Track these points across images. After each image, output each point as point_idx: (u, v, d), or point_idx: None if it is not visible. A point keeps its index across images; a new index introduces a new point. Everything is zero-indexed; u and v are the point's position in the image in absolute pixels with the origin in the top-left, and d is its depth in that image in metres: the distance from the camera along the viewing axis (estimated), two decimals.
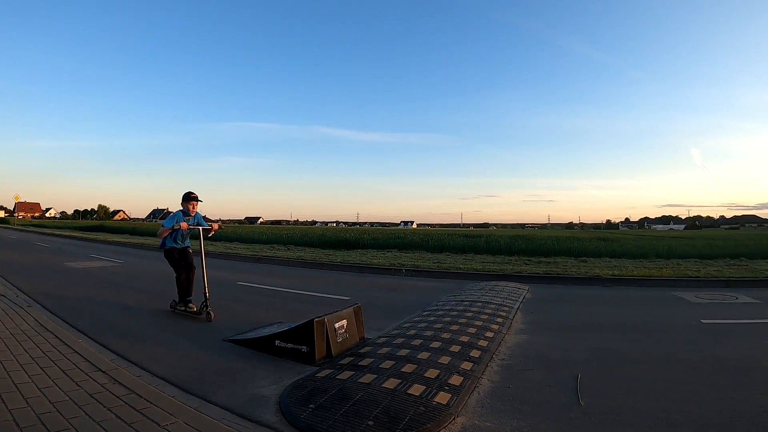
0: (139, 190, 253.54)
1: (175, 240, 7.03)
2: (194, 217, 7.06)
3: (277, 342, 4.73)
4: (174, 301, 7.02)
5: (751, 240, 24.39)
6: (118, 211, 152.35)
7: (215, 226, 7.34)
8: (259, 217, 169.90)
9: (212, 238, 27.24)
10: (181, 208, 6.97)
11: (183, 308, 6.84)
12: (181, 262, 7.01)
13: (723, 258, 16.77)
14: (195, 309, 6.75)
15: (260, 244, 23.51)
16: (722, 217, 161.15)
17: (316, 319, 4.52)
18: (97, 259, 15.26)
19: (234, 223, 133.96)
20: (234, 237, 26.77)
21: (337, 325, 4.76)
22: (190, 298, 6.93)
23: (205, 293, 6.52)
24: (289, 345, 4.63)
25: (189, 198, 6.94)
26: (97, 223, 60.05)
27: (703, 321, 6.77)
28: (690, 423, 3.32)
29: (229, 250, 18.31)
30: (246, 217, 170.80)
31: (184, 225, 6.73)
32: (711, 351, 5.21)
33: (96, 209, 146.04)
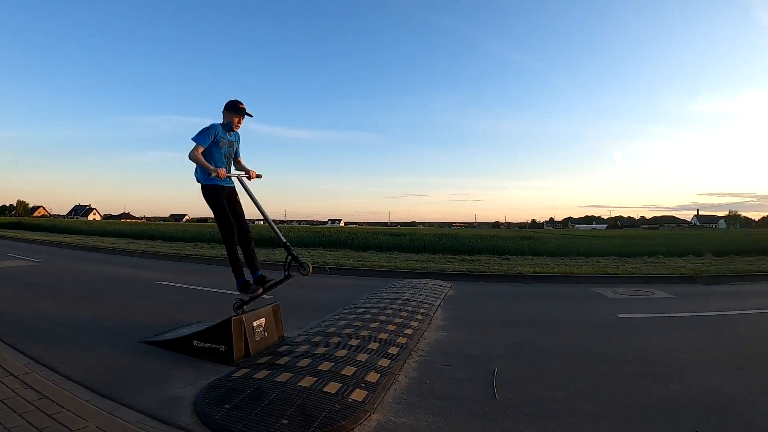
0: (60, 185, 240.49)
1: (218, 166, 4.81)
2: (235, 134, 5.12)
3: (195, 342, 4.68)
4: (245, 281, 5.05)
5: (668, 239, 25.92)
6: (38, 207, 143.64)
7: (253, 173, 5.29)
8: (185, 215, 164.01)
9: (134, 236, 26.45)
10: (223, 121, 5.00)
11: (256, 290, 4.99)
12: (233, 216, 5.04)
13: (641, 256, 17.78)
14: (270, 280, 5.18)
15: (184, 242, 22.91)
16: (642, 217, 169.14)
17: (233, 318, 4.51)
18: (14, 258, 14.49)
19: (159, 220, 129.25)
20: (157, 235, 26.02)
21: (255, 324, 4.76)
22: (259, 272, 5.23)
23: (285, 243, 5.23)
24: (207, 345, 4.59)
25: (238, 108, 4.94)
26: (15, 219, 56.45)
27: (619, 315, 7.17)
28: (605, 414, 3.52)
29: (151, 249, 17.74)
30: (171, 215, 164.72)
31: (222, 171, 4.70)
32: (627, 344, 5.52)
33: (15, 205, 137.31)
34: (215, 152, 4.88)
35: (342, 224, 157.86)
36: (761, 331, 6.29)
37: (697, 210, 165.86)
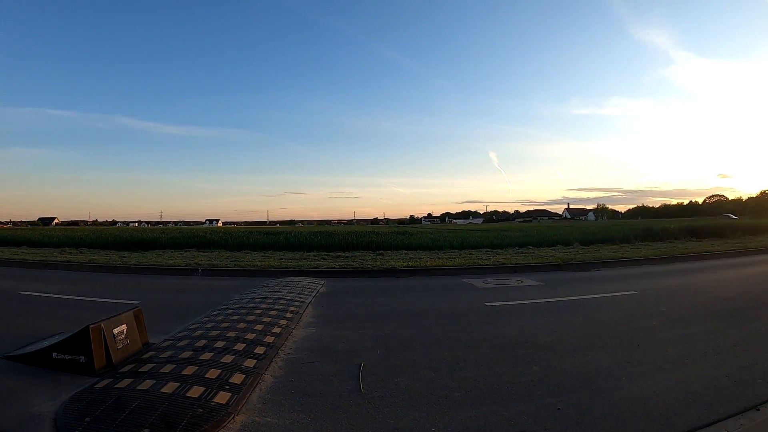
0: None
1: None
2: None
3: (54, 354, 4.41)
4: None
5: (539, 231, 27.57)
6: None
7: None
8: (54, 218, 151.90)
9: None
10: None
11: None
12: None
13: (512, 247, 18.82)
14: None
15: (51, 247, 21.17)
16: (517, 212, 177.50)
17: (91, 326, 4.29)
18: None
19: (26, 224, 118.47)
20: (22, 241, 23.81)
21: (116, 331, 4.56)
22: None
23: None
24: (67, 356, 4.35)
25: None
26: None
27: (487, 304, 7.57)
28: (468, 398, 3.72)
29: (15, 256, 16.25)
30: (39, 218, 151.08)
31: None
32: (492, 330, 5.83)
33: None
34: None
35: (220, 224, 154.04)
36: (619, 312, 6.93)
37: (568, 204, 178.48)
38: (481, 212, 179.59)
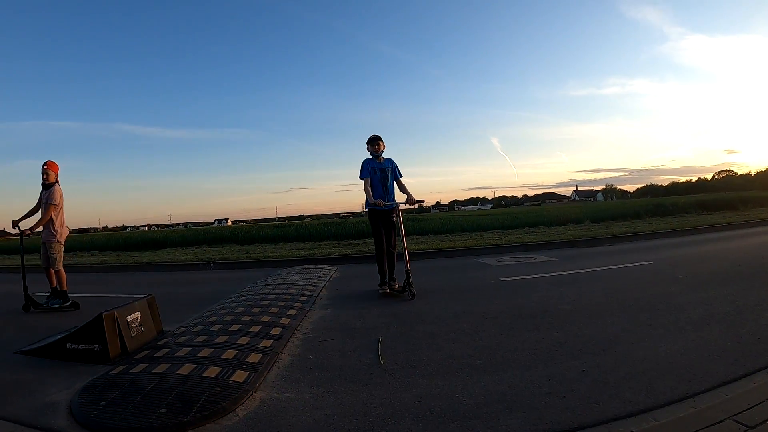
0: None
1: (374, 189, 6.64)
2: (386, 162, 6.75)
3: (68, 345, 4.37)
4: (382, 281, 6.79)
5: (548, 212, 27.49)
6: None
7: (413, 198, 6.91)
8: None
9: (10, 251, 24.28)
10: (369, 155, 6.73)
11: (384, 289, 6.65)
12: (383, 232, 6.71)
13: (523, 227, 18.75)
14: (398, 286, 6.66)
15: (65, 251, 21.29)
16: (525, 196, 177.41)
17: (105, 314, 4.26)
18: None
19: (35, 234, 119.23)
20: (33, 248, 23.98)
21: (129, 318, 4.53)
22: (394, 276, 6.80)
23: (407, 269, 6.46)
24: (81, 346, 4.31)
25: (372, 139, 6.64)
26: None
27: (502, 279, 7.55)
28: (490, 365, 3.66)
29: (27, 263, 16.30)
30: None
31: (379, 202, 6.45)
32: (510, 302, 5.79)
33: None
34: (373, 179, 6.55)
35: (229, 223, 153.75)
36: (636, 280, 6.89)
37: (576, 186, 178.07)
38: (490, 198, 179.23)
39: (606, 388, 3.09)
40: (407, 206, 6.84)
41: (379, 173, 6.60)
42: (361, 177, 6.60)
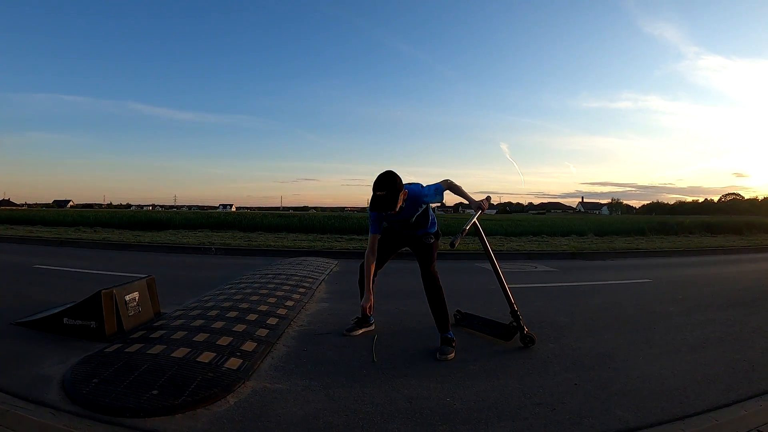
0: None
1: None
2: (402, 210, 4.47)
3: (65, 319, 4.39)
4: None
5: (552, 222, 27.48)
6: None
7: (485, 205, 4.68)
8: (69, 201, 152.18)
9: (14, 221, 24.45)
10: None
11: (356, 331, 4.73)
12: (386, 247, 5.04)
13: (526, 235, 18.72)
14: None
15: (65, 226, 21.28)
16: (530, 203, 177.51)
17: (103, 291, 4.27)
18: None
19: (40, 207, 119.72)
20: (37, 220, 24.01)
21: (128, 298, 4.54)
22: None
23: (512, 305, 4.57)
24: (78, 322, 4.33)
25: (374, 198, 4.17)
26: None
27: None
28: (484, 371, 3.70)
29: (30, 234, 16.35)
30: (54, 201, 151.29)
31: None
32: (506, 309, 5.78)
33: None
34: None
35: (233, 209, 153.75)
36: (635, 297, 6.86)
37: (582, 197, 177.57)
38: (495, 203, 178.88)
39: (597, 403, 3.09)
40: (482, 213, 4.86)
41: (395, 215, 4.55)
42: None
